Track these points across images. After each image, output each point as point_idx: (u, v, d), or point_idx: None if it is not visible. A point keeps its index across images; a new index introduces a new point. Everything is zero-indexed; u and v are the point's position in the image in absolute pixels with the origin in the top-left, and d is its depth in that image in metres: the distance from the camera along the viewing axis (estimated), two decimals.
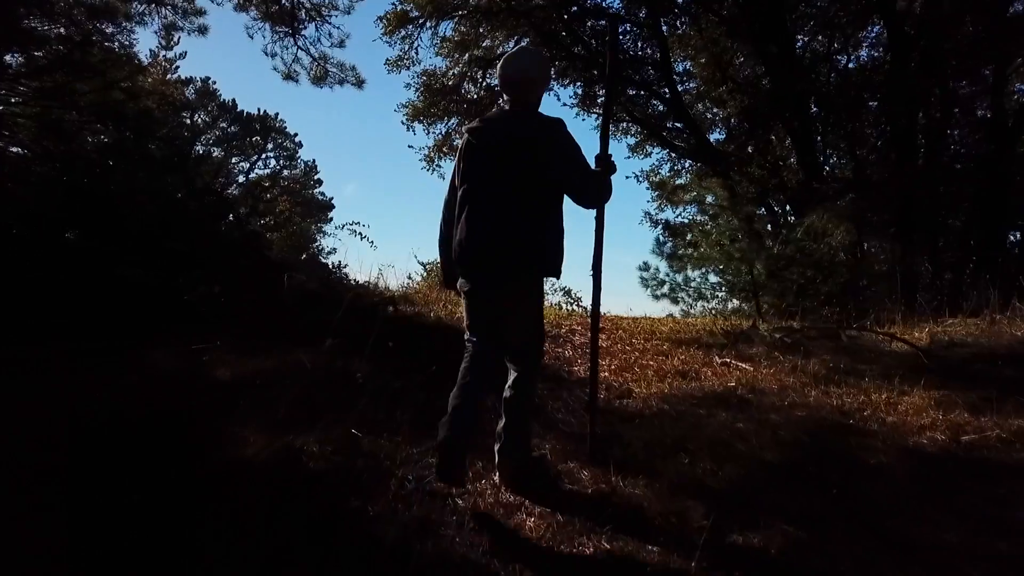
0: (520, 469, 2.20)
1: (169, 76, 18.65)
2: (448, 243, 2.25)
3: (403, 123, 11.05)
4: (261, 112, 21.86)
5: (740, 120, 11.23)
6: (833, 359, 3.75)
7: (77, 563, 1.59)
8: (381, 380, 3.16)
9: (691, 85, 11.78)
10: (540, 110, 2.28)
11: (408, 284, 9.38)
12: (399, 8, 10.27)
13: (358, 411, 2.59)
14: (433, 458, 2.10)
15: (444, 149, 11.21)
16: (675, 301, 9.36)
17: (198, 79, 21.76)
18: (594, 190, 2.21)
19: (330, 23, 9.66)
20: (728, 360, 3.85)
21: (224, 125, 22.20)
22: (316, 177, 22.90)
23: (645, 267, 9.56)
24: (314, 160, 23.21)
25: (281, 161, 22.51)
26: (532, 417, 2.40)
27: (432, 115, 11.09)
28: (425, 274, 10.74)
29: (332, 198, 23.63)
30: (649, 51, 11.05)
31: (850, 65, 10.75)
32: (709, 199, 9.89)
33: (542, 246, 2.11)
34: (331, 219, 24.56)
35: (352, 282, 8.17)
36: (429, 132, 11.21)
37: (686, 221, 10.61)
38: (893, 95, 9.35)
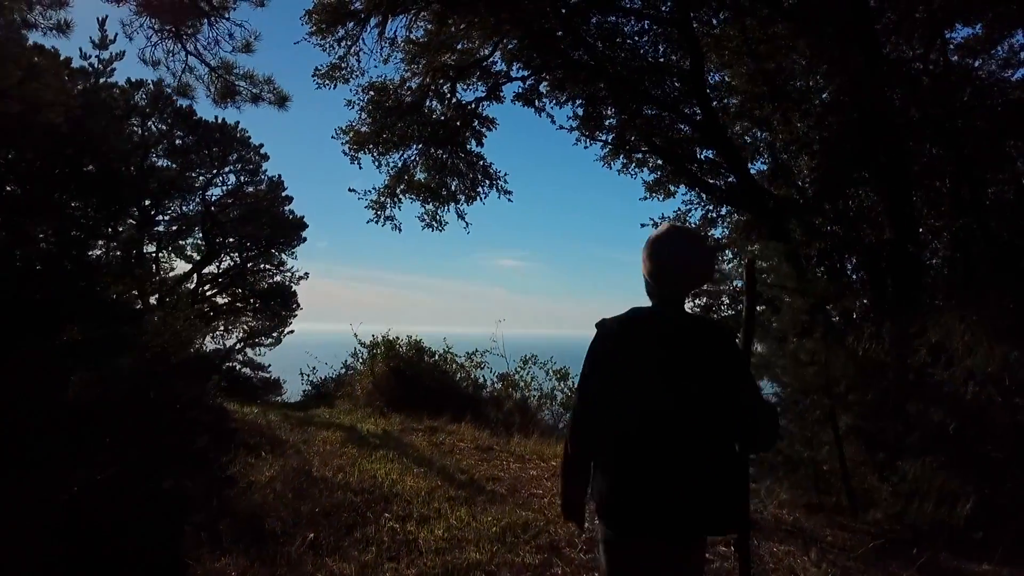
0: None
1: (103, 79, 15.92)
2: (581, 471, 1.77)
3: (345, 153, 8.27)
4: (219, 120, 19.13)
5: (795, 149, 8.37)
6: None
7: None
8: None
9: (728, 101, 8.92)
10: None
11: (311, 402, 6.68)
12: None
13: None
14: None
15: (399, 192, 8.42)
16: None
17: (150, 82, 19.08)
18: (769, 425, 1.75)
19: (228, 19, 6.89)
20: None
21: (181, 134, 19.53)
22: (284, 194, 20.17)
23: None
24: (279, 175, 20.48)
25: (243, 176, 19.79)
26: None
27: (385, 143, 8.31)
28: (362, 363, 8.02)
29: (303, 216, 20.92)
30: (675, 58, 8.19)
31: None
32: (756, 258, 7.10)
33: (739, 493, 1.78)
34: (305, 239, 21.96)
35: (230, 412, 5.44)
36: (381, 166, 8.42)
37: (725, 291, 7.80)
38: None
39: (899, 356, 5.37)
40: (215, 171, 19.64)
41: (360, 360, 8.54)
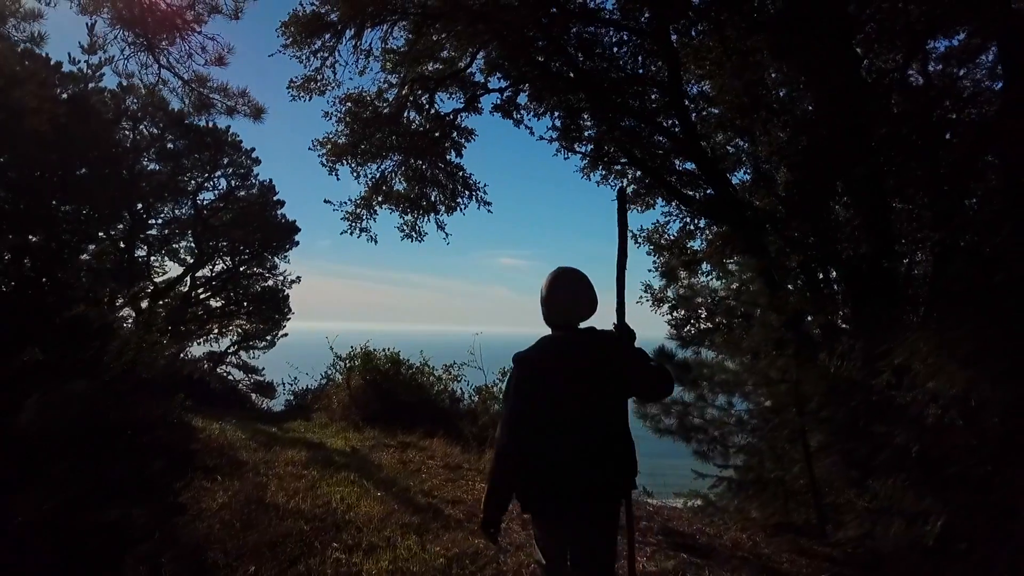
0: None
1: (92, 84, 15.84)
2: (507, 491, 2.15)
3: (323, 165, 8.24)
4: (211, 125, 19.08)
5: (776, 160, 8.32)
6: None
7: None
8: None
9: (709, 112, 8.87)
10: None
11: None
12: (309, 10, 7.43)
13: None
14: None
15: (375, 204, 8.39)
16: (687, 439, 6.53)
17: (141, 86, 19.03)
18: (665, 382, 2.27)
19: (200, 32, 6.87)
20: None
21: (172, 138, 19.47)
22: (275, 198, 20.11)
23: None
24: (271, 180, 20.42)
25: (234, 180, 19.74)
26: None
27: (363, 154, 8.28)
28: (340, 374, 7.98)
29: (295, 220, 20.88)
30: (653, 69, 8.15)
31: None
32: (731, 269, 7.06)
33: (634, 458, 2.19)
34: (297, 243, 21.93)
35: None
36: (359, 176, 8.39)
37: (702, 303, 7.76)
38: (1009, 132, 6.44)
39: (868, 375, 5.32)
40: (207, 175, 19.61)
41: (339, 371, 8.52)
